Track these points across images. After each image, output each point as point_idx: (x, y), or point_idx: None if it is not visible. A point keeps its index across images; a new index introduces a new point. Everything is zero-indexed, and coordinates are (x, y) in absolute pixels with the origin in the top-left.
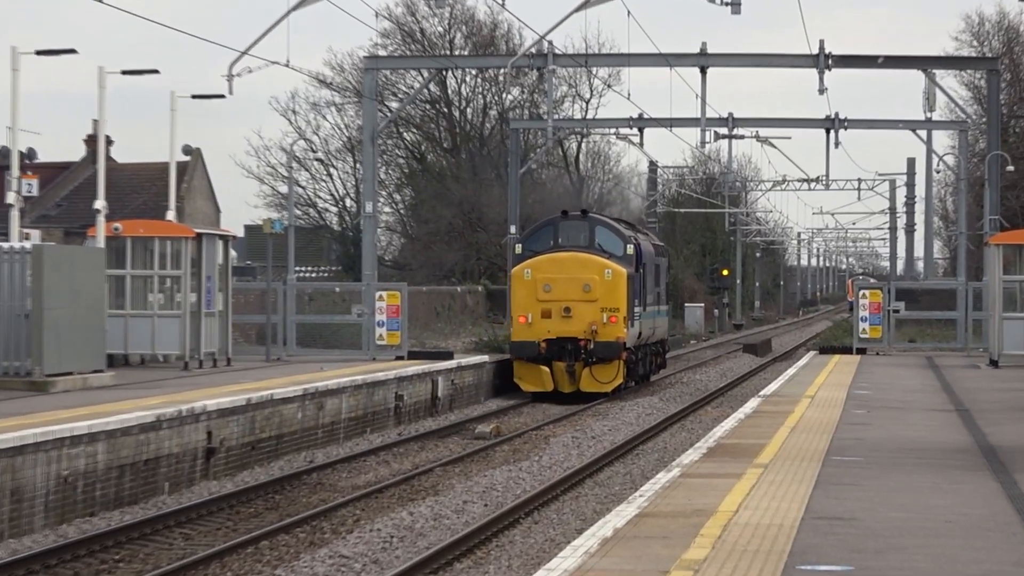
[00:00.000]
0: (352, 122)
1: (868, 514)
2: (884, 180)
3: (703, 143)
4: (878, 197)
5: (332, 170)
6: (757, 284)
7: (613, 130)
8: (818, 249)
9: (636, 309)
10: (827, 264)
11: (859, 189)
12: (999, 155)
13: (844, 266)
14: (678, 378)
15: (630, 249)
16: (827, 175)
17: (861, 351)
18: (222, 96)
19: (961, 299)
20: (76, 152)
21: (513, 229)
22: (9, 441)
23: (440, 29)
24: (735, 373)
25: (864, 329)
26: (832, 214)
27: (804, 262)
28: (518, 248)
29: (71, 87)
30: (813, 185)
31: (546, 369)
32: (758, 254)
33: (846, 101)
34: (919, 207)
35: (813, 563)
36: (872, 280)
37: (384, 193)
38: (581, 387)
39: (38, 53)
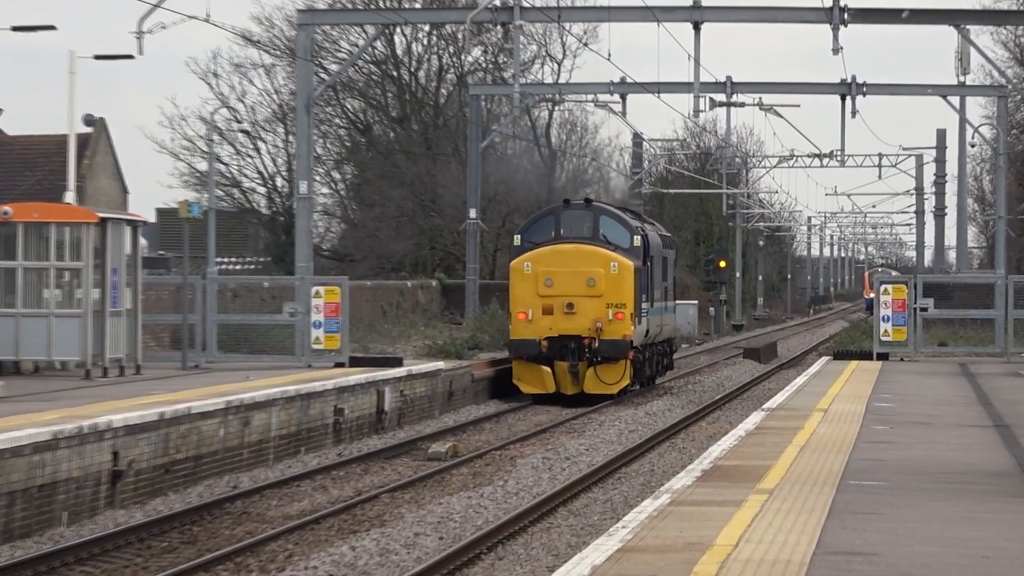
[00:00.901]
0: (284, 87)
1: (891, 548)
2: (909, 155)
3: (696, 112)
4: (902, 176)
5: (260, 144)
6: (760, 278)
7: (591, 97)
8: (832, 237)
9: (643, 305)
10: (843, 254)
11: (880, 166)
12: None
13: (862, 256)
14: (667, 388)
15: (637, 240)
16: (842, 149)
17: (882, 357)
18: (130, 56)
19: (1000, 295)
20: None
21: (473, 213)
22: None
23: None
24: (734, 382)
25: (886, 331)
26: (848, 195)
27: (815, 252)
28: (517, 239)
29: None
30: (826, 161)
31: (547, 369)
32: (761, 242)
33: (865, 63)
34: (950, 187)
35: None
36: (894, 273)
37: (321, 171)
38: (585, 388)
39: None
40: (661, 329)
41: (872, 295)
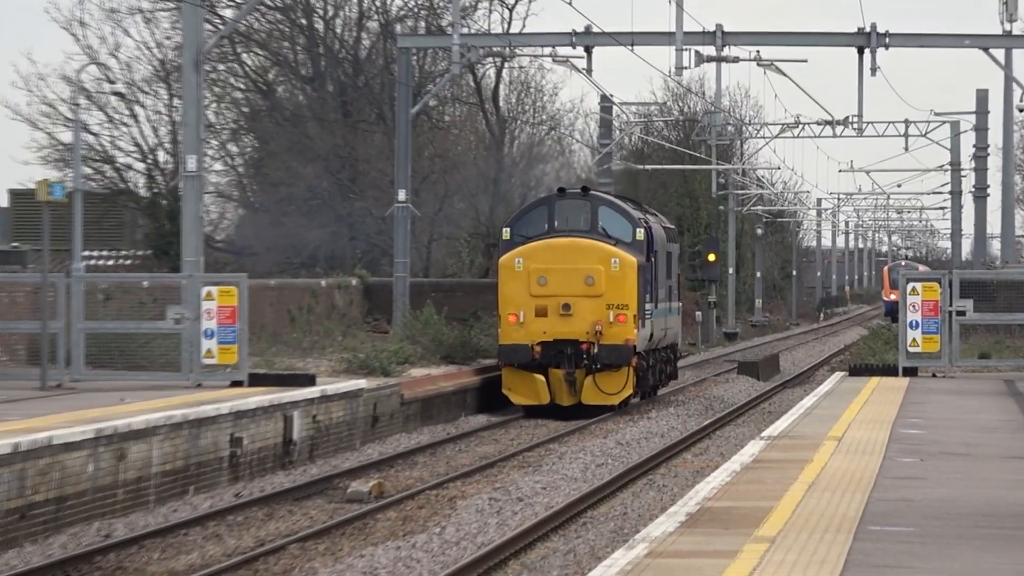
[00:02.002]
0: (167, 39)
1: None
2: (943, 122)
3: (679, 69)
4: (934, 148)
5: (138, 110)
6: (759, 274)
7: (548, 50)
8: (847, 224)
9: (647, 306)
10: (861, 245)
11: (906, 136)
12: None
13: (885, 248)
14: (643, 412)
15: (640, 234)
16: (860, 115)
17: (910, 372)
18: None
19: None
20: None
21: (403, 195)
22: None
23: None
24: (727, 404)
25: (914, 340)
26: (868, 172)
27: (827, 242)
28: (505, 233)
29: None
30: (840, 130)
31: (541, 378)
32: (759, 231)
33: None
34: (993, 161)
35: None
36: (922, 268)
37: (215, 143)
38: (583, 399)
39: None
40: (665, 333)
41: (893, 296)
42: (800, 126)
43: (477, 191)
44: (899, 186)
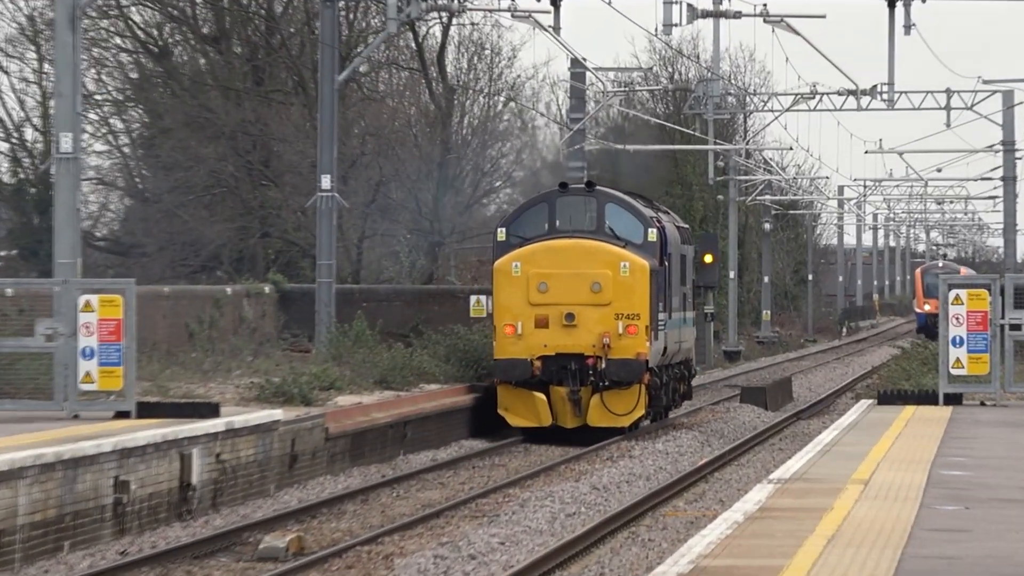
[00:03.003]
0: None
1: None
2: (992, 92)
3: (668, 26)
4: (982, 123)
5: (0, 77)
6: (766, 280)
7: (506, 3)
8: (875, 217)
9: (660, 316)
10: (892, 243)
11: (948, 108)
12: None
13: (922, 246)
14: (625, 449)
15: (653, 234)
16: (890, 83)
17: (953, 400)
18: None
19: None
20: None
21: (327, 182)
22: None
23: None
24: (726, 439)
25: (957, 360)
26: (900, 154)
27: (851, 240)
28: (500, 234)
29: None
30: (866, 102)
31: (542, 397)
32: (767, 226)
33: None
34: None
35: None
36: (965, 271)
37: (95, 117)
38: (589, 421)
39: None
40: (680, 347)
41: (928, 307)
42: (817, 97)
43: (419, 177)
44: (939, 171)
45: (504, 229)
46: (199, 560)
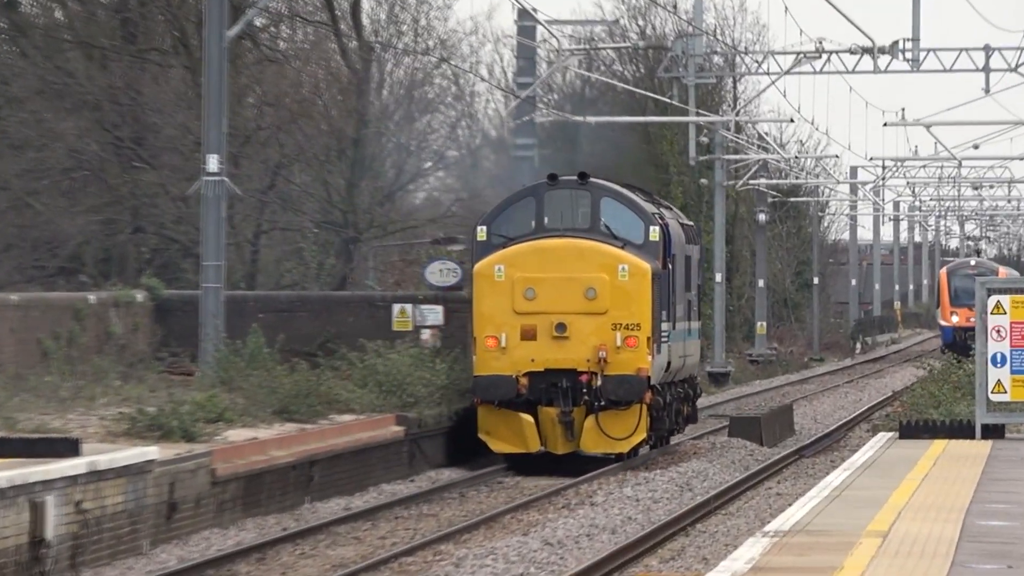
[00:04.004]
0: None
1: None
2: None
3: None
4: None
5: None
6: (761, 284)
7: None
8: (897, 205)
9: (664, 326)
10: (918, 238)
11: (987, 70)
12: None
13: (955, 241)
14: (585, 495)
15: (655, 233)
16: (915, 39)
17: (992, 432)
18: None
19: None
20: None
21: (214, 163)
22: None
23: None
24: (712, 482)
25: (999, 384)
26: (927, 126)
27: (866, 234)
28: (481, 232)
29: None
30: (885, 63)
31: (529, 419)
32: (762, 216)
33: None
34: None
35: None
36: (1005, 271)
37: None
38: (582, 446)
39: None
40: (684, 362)
41: (955, 318)
42: (824, 57)
43: (329, 157)
44: (976, 147)
45: (485, 227)
46: None
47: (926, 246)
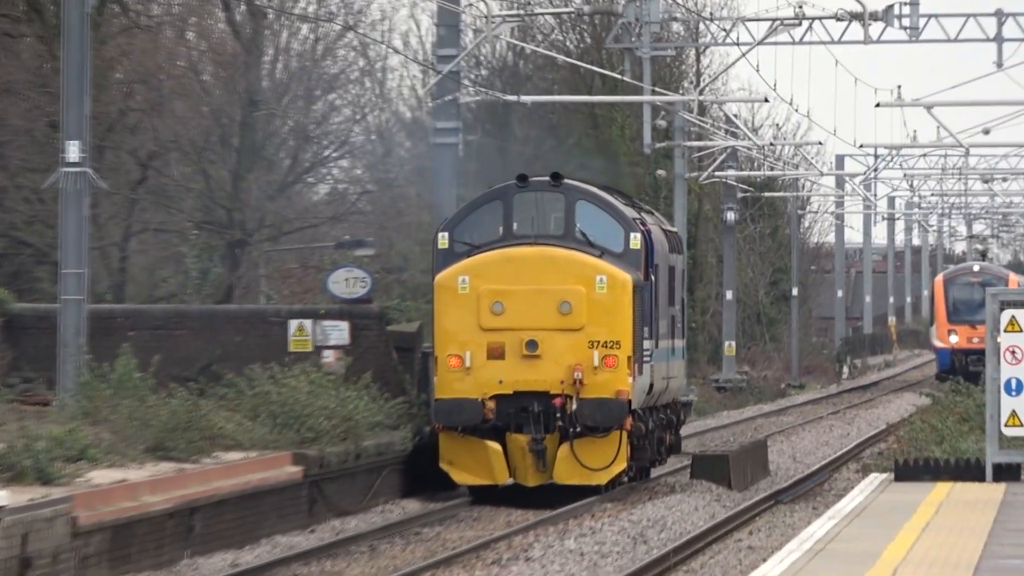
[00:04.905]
0: None
1: None
2: None
3: None
4: None
5: None
6: (730, 295)
7: None
8: (892, 202)
9: (646, 344)
10: (917, 240)
11: (999, 40)
12: None
13: (961, 245)
14: (519, 548)
15: (636, 240)
16: (913, 3)
17: (1007, 474)
18: None
19: None
20: None
21: (74, 152)
22: None
23: None
24: (672, 532)
25: (1014, 414)
26: (928, 108)
27: (855, 236)
28: (442, 239)
29: None
30: (878, 31)
31: (496, 447)
32: (731, 215)
33: None
34: None
35: None
36: (1016, 281)
37: None
38: (556, 477)
39: None
40: (668, 384)
41: (953, 337)
42: (805, 24)
43: (211, 144)
44: (986, 132)
45: (447, 234)
46: None
47: (927, 250)
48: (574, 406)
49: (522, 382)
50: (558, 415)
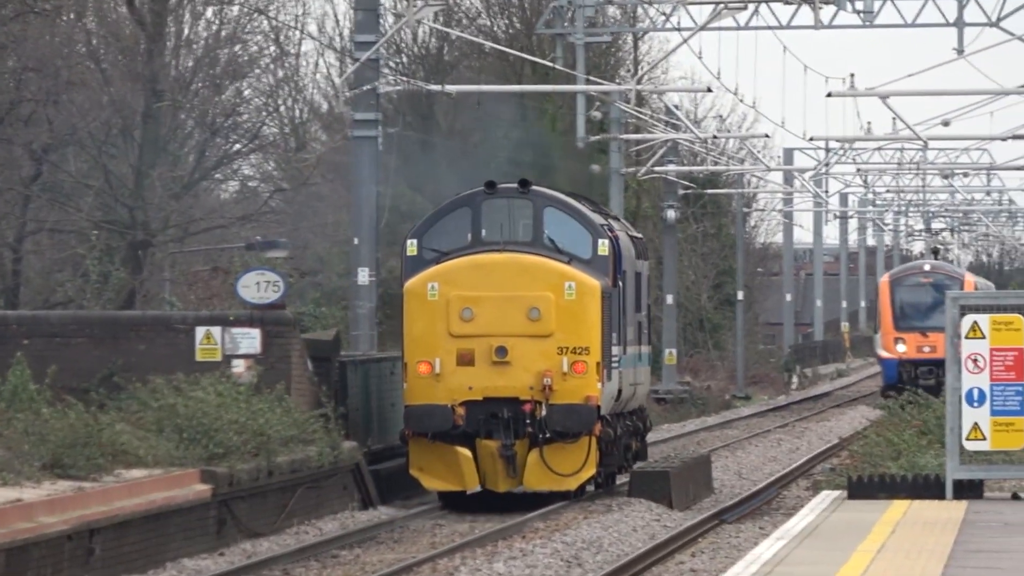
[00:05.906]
0: None
1: None
2: None
3: None
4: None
5: None
6: (670, 300)
7: None
8: (845, 199)
9: (614, 350)
10: (871, 241)
11: (960, 24)
12: None
13: (918, 245)
14: (444, 572)
15: (604, 247)
16: None
17: (968, 491)
18: None
19: None
20: None
21: None
22: None
23: None
24: (608, 554)
25: (976, 428)
26: (883, 98)
27: (805, 235)
28: (411, 246)
29: None
30: (829, 16)
31: (466, 453)
32: (671, 213)
33: None
34: None
35: None
36: (972, 279)
37: None
38: (525, 483)
39: None
40: (635, 390)
41: (900, 346)
42: (751, 8)
43: (111, 138)
44: (946, 124)
45: (415, 241)
46: None
47: (882, 251)
48: (543, 412)
49: (492, 388)
50: (528, 421)
